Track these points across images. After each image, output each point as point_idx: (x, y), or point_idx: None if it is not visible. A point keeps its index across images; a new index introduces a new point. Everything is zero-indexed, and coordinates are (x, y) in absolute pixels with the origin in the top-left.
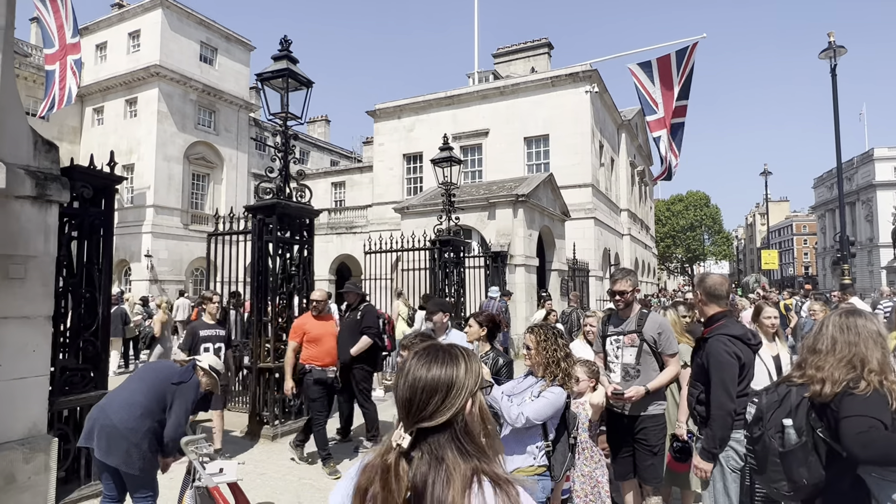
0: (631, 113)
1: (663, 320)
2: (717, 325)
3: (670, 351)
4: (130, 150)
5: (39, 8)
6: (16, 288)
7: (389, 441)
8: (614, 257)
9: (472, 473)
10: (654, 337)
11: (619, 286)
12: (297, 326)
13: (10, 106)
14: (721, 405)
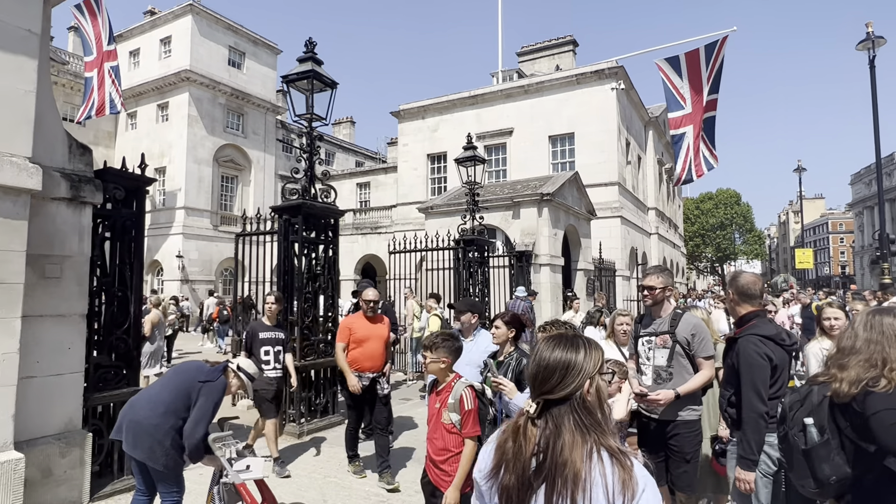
0: (658, 110)
1: (698, 321)
2: (749, 326)
3: (704, 353)
4: (162, 154)
5: (78, 17)
6: (52, 287)
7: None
8: (642, 256)
9: (591, 444)
10: (688, 338)
11: (649, 281)
12: (343, 326)
13: (46, 111)
14: (752, 407)
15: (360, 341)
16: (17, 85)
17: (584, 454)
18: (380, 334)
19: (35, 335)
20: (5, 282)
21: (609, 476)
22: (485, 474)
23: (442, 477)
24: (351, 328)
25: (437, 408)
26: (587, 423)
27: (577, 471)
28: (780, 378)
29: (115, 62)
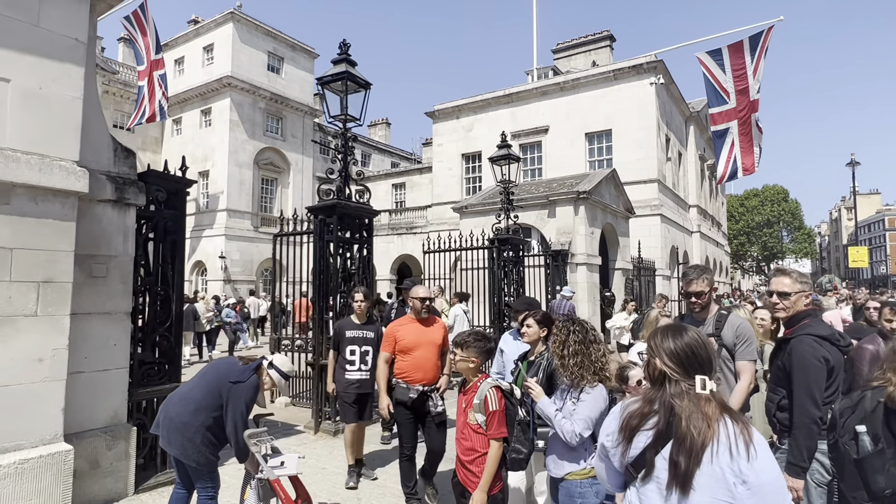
0: (700, 104)
1: (743, 322)
2: (801, 325)
3: (747, 357)
4: (205, 158)
5: (128, 28)
6: (98, 286)
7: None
8: (683, 255)
9: (720, 409)
10: (733, 341)
11: (696, 286)
12: (388, 334)
13: (93, 117)
14: (806, 412)
15: (408, 350)
16: (65, 92)
17: (715, 417)
18: (432, 340)
19: (83, 332)
20: (55, 281)
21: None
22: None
23: (470, 477)
24: (396, 335)
25: (463, 408)
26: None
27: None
28: (836, 381)
29: (163, 70)
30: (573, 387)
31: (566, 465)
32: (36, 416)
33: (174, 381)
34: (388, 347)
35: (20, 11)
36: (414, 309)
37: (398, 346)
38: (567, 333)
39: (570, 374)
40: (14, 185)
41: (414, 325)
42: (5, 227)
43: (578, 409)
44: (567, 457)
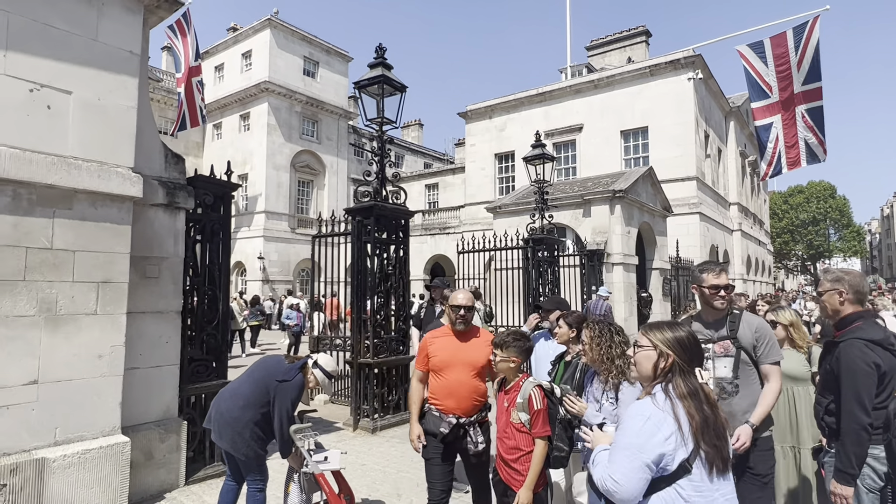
0: (741, 99)
1: (759, 320)
2: (852, 328)
3: (772, 358)
4: (244, 161)
5: (171, 37)
6: (151, 286)
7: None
8: (723, 255)
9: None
10: (753, 342)
11: (722, 279)
12: (421, 346)
13: (146, 125)
14: (854, 418)
15: (439, 370)
16: (121, 102)
17: None
18: (470, 360)
19: (138, 330)
20: (112, 281)
21: None
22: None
23: (514, 476)
24: (429, 350)
25: (505, 407)
26: None
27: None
28: (889, 386)
29: (200, 76)
30: (612, 387)
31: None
32: (96, 410)
33: (221, 377)
34: (420, 364)
35: (80, 27)
36: (451, 319)
37: (430, 363)
38: (611, 333)
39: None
40: (76, 191)
41: (449, 338)
42: (68, 231)
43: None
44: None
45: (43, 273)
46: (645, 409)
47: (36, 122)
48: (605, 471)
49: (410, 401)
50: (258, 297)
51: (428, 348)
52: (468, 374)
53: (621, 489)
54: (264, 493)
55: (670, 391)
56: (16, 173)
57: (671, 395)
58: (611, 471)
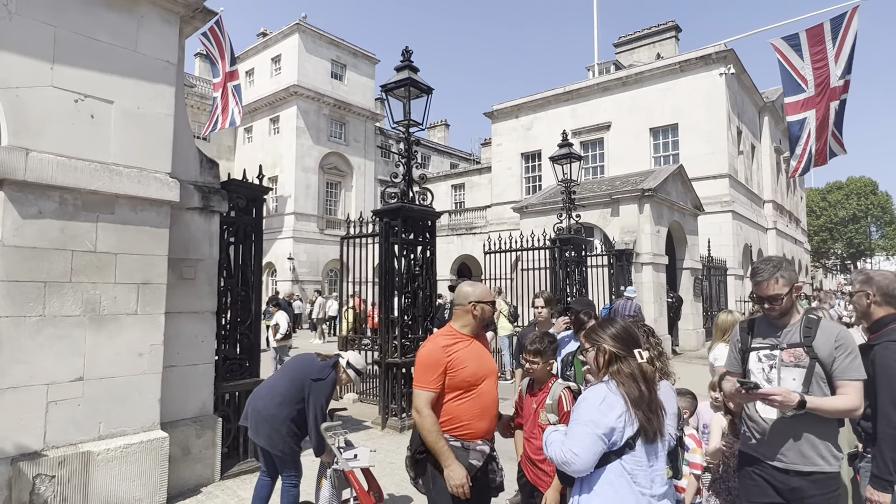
0: (775, 94)
1: (843, 329)
2: (887, 330)
3: (854, 374)
4: (274, 164)
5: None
6: (188, 287)
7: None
8: (757, 254)
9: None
10: (832, 353)
11: (771, 289)
12: (432, 358)
13: (181, 131)
14: (891, 422)
15: (470, 385)
16: (158, 110)
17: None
18: (494, 368)
19: (175, 330)
20: (151, 282)
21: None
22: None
23: (541, 476)
24: (451, 361)
25: (534, 409)
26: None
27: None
28: None
29: (237, 81)
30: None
31: None
32: (137, 406)
33: (254, 375)
34: (436, 382)
35: (121, 39)
36: (477, 318)
37: (453, 379)
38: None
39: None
40: (118, 196)
41: (471, 344)
42: (111, 235)
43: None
44: None
45: (87, 275)
46: (601, 392)
47: (80, 131)
48: (563, 446)
49: (434, 438)
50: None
51: (448, 360)
52: (495, 385)
53: (579, 460)
54: (298, 489)
55: (616, 377)
56: (62, 180)
57: (617, 380)
58: (570, 444)
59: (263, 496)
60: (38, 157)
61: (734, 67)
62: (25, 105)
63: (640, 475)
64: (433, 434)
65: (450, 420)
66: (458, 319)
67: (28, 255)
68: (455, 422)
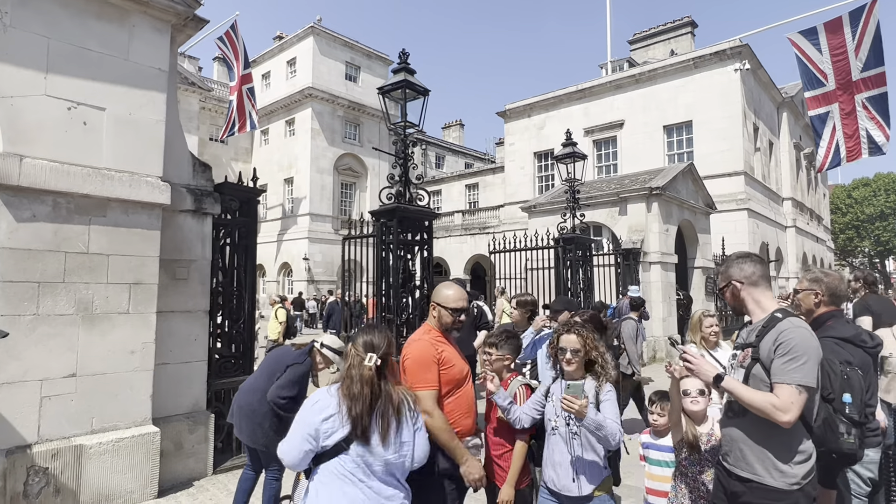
0: (794, 89)
1: (790, 329)
2: (824, 327)
3: (781, 378)
4: (290, 165)
5: (222, 48)
6: (181, 287)
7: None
8: (775, 252)
9: (377, 375)
10: (771, 354)
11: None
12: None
13: (174, 136)
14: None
15: (458, 382)
16: (150, 116)
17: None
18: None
19: (168, 328)
20: (143, 282)
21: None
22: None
23: (498, 472)
24: (442, 357)
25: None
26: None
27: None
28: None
29: (251, 84)
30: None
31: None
32: (129, 401)
33: (247, 373)
34: (435, 380)
35: (113, 48)
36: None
37: (444, 377)
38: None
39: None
40: (109, 199)
41: (449, 343)
42: (103, 237)
43: (605, 408)
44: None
45: (80, 275)
46: (317, 395)
47: (73, 137)
48: (280, 444)
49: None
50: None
51: (440, 356)
52: (472, 382)
53: (287, 455)
54: (280, 482)
55: (343, 381)
56: (55, 184)
57: (343, 383)
58: (282, 442)
59: (246, 489)
60: (32, 163)
61: (750, 63)
62: (20, 113)
63: (359, 474)
64: (447, 433)
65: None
66: (432, 318)
67: (22, 257)
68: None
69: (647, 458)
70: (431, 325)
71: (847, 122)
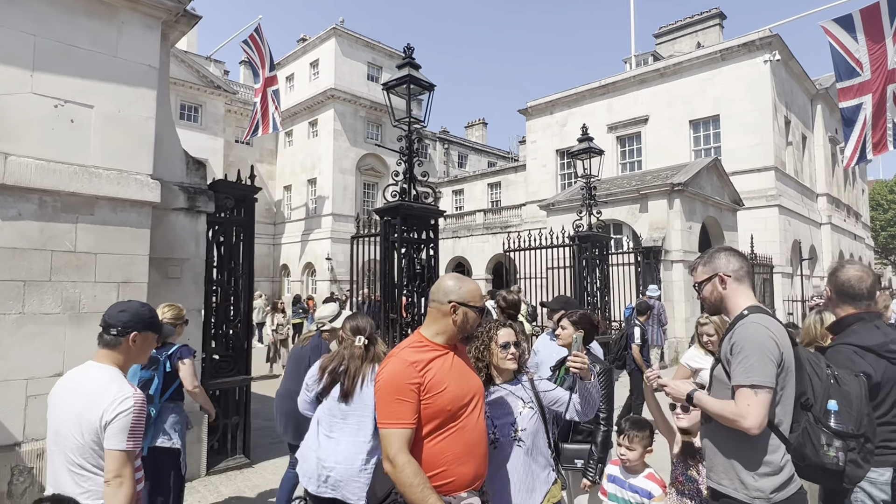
0: (829, 80)
1: (747, 328)
2: (846, 332)
3: (737, 380)
4: (313, 166)
5: (247, 51)
6: (173, 286)
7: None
8: (809, 250)
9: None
10: (727, 355)
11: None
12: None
13: (166, 134)
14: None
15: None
16: (140, 113)
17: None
18: (480, 388)
19: None
20: (132, 281)
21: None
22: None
23: None
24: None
25: None
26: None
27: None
28: (887, 398)
29: (276, 86)
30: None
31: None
32: None
33: (243, 373)
34: (409, 414)
35: (101, 45)
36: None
37: (428, 409)
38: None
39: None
40: (97, 197)
41: (448, 357)
42: (90, 235)
43: (544, 385)
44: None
45: (67, 274)
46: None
47: (60, 135)
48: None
49: (421, 495)
50: (299, 297)
51: (421, 381)
52: (482, 411)
53: (300, 403)
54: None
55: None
56: (41, 183)
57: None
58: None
59: (288, 488)
60: (18, 161)
61: (780, 54)
62: (5, 111)
63: (324, 421)
64: (418, 489)
65: (428, 465)
66: (431, 324)
67: (7, 256)
68: (430, 468)
69: (609, 496)
70: (426, 334)
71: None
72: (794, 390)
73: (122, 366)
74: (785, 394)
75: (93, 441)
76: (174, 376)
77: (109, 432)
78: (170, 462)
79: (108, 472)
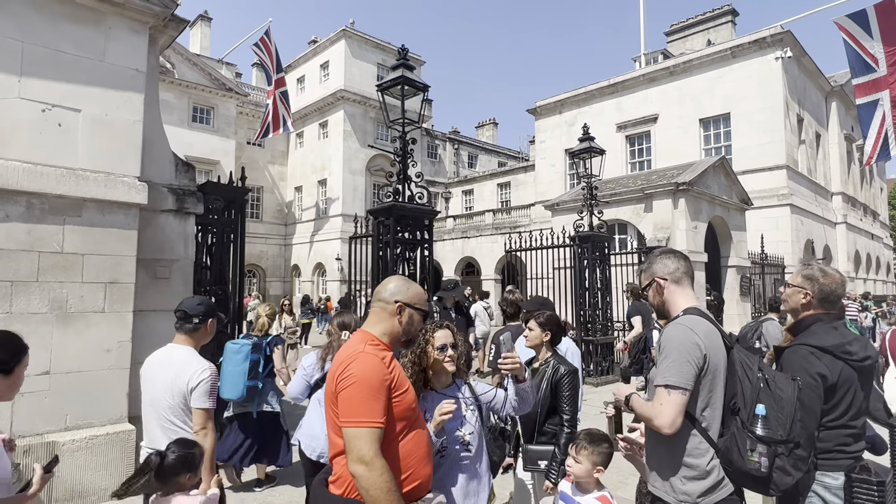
0: (844, 77)
1: (669, 333)
2: (805, 333)
3: (655, 380)
4: (323, 167)
5: (258, 53)
6: (162, 286)
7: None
8: (823, 250)
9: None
10: (658, 356)
11: (642, 282)
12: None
13: (155, 136)
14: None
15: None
16: (127, 116)
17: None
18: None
19: (149, 327)
20: (119, 282)
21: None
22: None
23: None
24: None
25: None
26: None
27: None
28: (842, 401)
29: (284, 88)
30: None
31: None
32: (104, 399)
33: None
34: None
35: (89, 51)
36: (402, 325)
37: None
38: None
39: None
40: (84, 200)
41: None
42: (77, 236)
43: (481, 387)
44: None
45: (54, 275)
46: (311, 355)
47: (47, 139)
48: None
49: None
50: (308, 297)
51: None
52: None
53: (290, 388)
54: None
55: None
56: (28, 185)
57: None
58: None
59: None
60: (5, 165)
61: (792, 50)
62: None
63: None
64: (395, 495)
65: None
66: (376, 323)
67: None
68: (400, 471)
69: None
70: (377, 332)
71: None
72: (725, 393)
73: (195, 346)
74: (714, 397)
75: (181, 402)
76: (269, 359)
77: (195, 395)
78: (274, 421)
79: (195, 424)
